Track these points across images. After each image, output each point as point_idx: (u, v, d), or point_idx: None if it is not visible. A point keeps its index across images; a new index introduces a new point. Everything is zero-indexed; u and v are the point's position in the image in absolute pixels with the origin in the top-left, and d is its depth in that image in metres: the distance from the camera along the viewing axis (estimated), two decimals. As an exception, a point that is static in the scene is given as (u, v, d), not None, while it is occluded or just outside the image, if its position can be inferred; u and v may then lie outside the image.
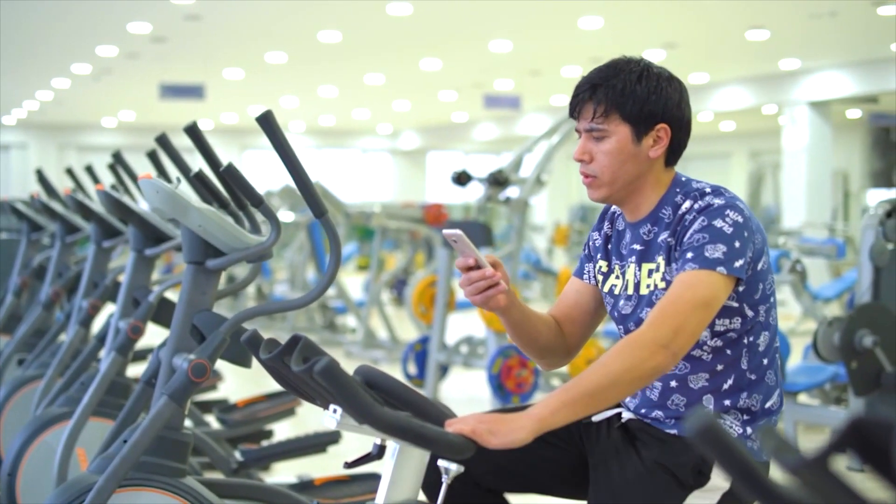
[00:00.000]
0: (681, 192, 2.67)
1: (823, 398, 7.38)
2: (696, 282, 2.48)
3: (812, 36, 14.89)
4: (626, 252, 2.75)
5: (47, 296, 5.97)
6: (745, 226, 2.55)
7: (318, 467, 5.89)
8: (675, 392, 2.67)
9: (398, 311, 15.70)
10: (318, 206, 3.06)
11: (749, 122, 24.49)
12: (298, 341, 2.18)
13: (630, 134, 2.63)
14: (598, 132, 2.64)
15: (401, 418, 2.11)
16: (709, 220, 2.55)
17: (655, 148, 2.65)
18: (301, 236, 13.90)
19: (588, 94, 2.64)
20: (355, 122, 28.96)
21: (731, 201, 2.58)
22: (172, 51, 16.06)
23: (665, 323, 2.43)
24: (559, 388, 2.34)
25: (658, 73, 2.65)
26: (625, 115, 2.62)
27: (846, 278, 10.53)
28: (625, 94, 2.61)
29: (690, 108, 2.71)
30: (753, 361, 2.64)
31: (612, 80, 2.62)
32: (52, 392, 4.88)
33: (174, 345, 3.48)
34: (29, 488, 4.57)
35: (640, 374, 2.38)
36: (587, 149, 2.68)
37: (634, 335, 2.44)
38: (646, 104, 2.61)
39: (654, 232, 2.68)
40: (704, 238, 2.53)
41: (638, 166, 2.65)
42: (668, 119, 2.64)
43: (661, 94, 2.63)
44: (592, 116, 2.64)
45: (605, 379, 2.35)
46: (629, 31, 14.63)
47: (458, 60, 17.09)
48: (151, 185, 3.39)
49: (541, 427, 2.25)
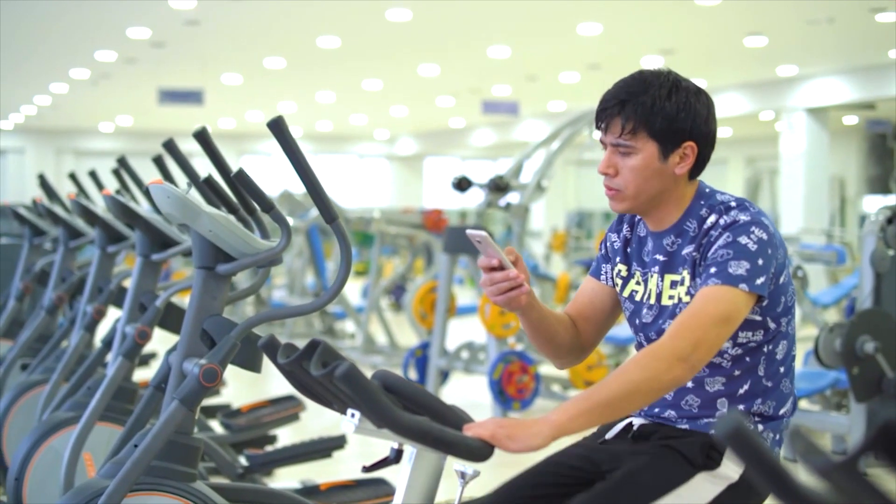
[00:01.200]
0: (706, 205, 2.67)
1: (824, 404, 7.40)
2: (719, 297, 2.48)
3: (810, 42, 14.93)
4: (648, 260, 2.76)
5: (50, 301, 5.97)
6: (770, 243, 2.55)
7: (322, 472, 5.90)
8: (690, 392, 2.68)
9: (397, 316, 15.70)
10: (328, 211, 3.07)
11: (746, 128, 24.52)
12: (317, 346, 2.19)
13: (657, 151, 2.61)
14: (624, 148, 2.62)
15: (420, 422, 2.12)
16: (734, 237, 2.55)
17: (681, 165, 2.64)
18: (300, 242, 13.90)
19: (617, 110, 2.61)
20: (353, 127, 28.99)
21: (757, 217, 2.58)
22: (171, 56, 16.08)
23: (685, 336, 2.43)
24: (577, 396, 2.35)
25: (686, 88, 2.64)
26: (653, 132, 2.60)
27: (844, 284, 10.54)
28: (654, 112, 2.59)
29: (716, 121, 2.69)
30: (770, 369, 2.66)
31: (642, 96, 2.60)
32: (57, 397, 4.89)
33: (184, 349, 3.49)
34: (36, 493, 4.57)
35: (658, 385, 2.39)
36: (612, 162, 2.66)
37: (654, 347, 2.45)
38: (675, 122, 2.60)
39: (679, 244, 2.68)
40: (729, 254, 2.53)
41: (663, 182, 2.64)
42: (695, 136, 2.63)
43: (690, 111, 2.61)
44: (620, 132, 2.61)
45: (624, 388, 2.35)
46: (627, 38, 14.66)
47: (457, 66, 17.12)
48: (162, 190, 3.39)
49: (558, 433, 2.26)
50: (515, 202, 9.71)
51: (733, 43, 14.85)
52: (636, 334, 2.80)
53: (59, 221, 6.03)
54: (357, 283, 20.30)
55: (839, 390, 7.27)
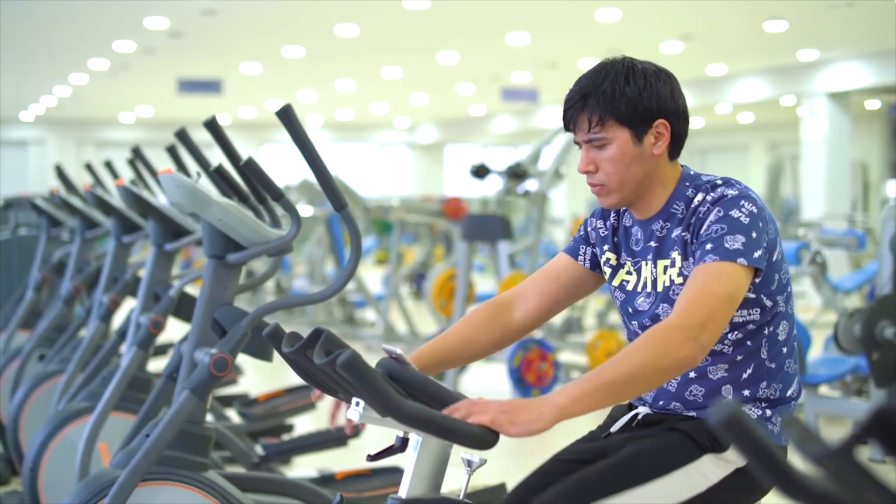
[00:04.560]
0: (691, 186, 2.64)
1: (844, 390, 7.37)
2: (720, 272, 2.45)
3: (830, 26, 14.84)
4: (638, 249, 2.72)
5: (68, 291, 5.99)
6: (760, 216, 2.53)
7: (338, 461, 5.90)
8: (693, 383, 2.65)
9: (417, 304, 15.71)
10: (338, 199, 3.06)
11: (767, 113, 24.41)
12: (321, 335, 2.18)
13: (630, 136, 2.59)
14: (597, 141, 2.61)
15: (423, 410, 2.11)
16: (725, 211, 2.52)
17: (658, 145, 2.61)
18: (320, 230, 13.91)
19: (580, 106, 2.60)
20: (373, 115, 28.98)
21: (745, 191, 2.57)
22: (189, 46, 16.09)
23: (694, 314, 2.39)
24: (582, 377, 2.31)
25: (644, 70, 2.61)
26: (621, 118, 2.58)
27: (866, 270, 10.49)
28: (616, 98, 2.57)
29: (684, 97, 2.67)
30: (773, 350, 2.63)
31: (601, 86, 2.58)
32: (73, 387, 4.90)
33: (195, 339, 3.49)
34: (51, 483, 4.59)
35: (667, 365, 2.35)
36: (590, 159, 2.64)
37: (661, 326, 2.40)
38: (639, 103, 2.58)
39: (668, 228, 2.65)
40: (723, 229, 2.50)
41: (644, 166, 2.62)
42: (664, 113, 2.60)
43: (652, 90, 2.59)
44: (589, 127, 2.60)
45: (631, 369, 2.31)
46: (646, 23, 14.60)
47: (476, 54, 17.08)
48: (172, 179, 3.39)
49: (561, 416, 2.23)
50: (534, 189, 9.69)
51: (753, 27, 14.76)
52: (628, 322, 2.75)
53: (76, 212, 6.05)
54: (377, 271, 20.31)
55: (859, 376, 7.24)
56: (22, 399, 5.48)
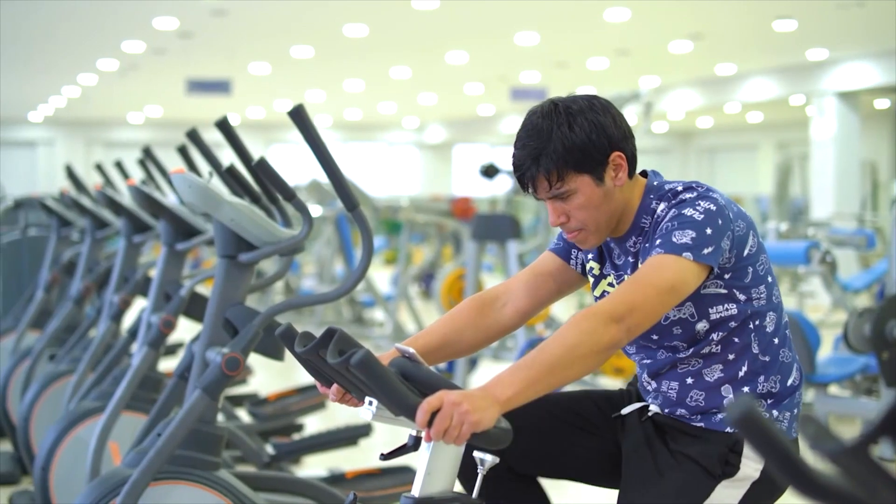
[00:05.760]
0: (655, 198, 2.65)
1: (854, 389, 7.36)
2: (662, 264, 2.46)
3: (840, 25, 14.81)
4: (620, 263, 2.74)
5: (78, 291, 6.00)
6: (719, 213, 2.52)
7: (348, 461, 5.91)
8: (692, 388, 2.66)
9: (426, 304, 15.70)
10: (349, 199, 3.07)
11: (776, 113, 24.37)
12: (334, 334, 2.18)
13: (591, 180, 2.58)
14: (562, 195, 2.60)
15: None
16: (679, 211, 2.54)
17: (619, 176, 2.61)
18: (329, 230, 13.91)
19: (535, 168, 2.57)
20: (381, 115, 28.97)
21: (705, 193, 2.57)
22: (199, 46, 16.10)
23: (622, 300, 2.41)
24: (517, 364, 2.31)
25: (581, 109, 2.58)
26: (578, 167, 2.56)
27: (876, 269, 10.47)
28: (568, 149, 2.54)
29: (623, 116, 2.64)
30: (763, 343, 2.63)
31: (549, 144, 2.55)
32: (83, 387, 4.91)
33: (207, 338, 3.50)
34: (62, 482, 4.60)
35: (596, 346, 2.35)
36: (561, 211, 2.63)
37: (590, 308, 2.42)
38: (590, 146, 2.55)
39: (640, 241, 2.67)
40: (673, 225, 2.52)
41: (612, 202, 2.62)
42: (615, 145, 2.59)
43: (598, 128, 2.56)
44: (550, 185, 2.58)
45: (562, 351, 2.32)
46: (655, 23, 14.59)
47: (485, 53, 17.07)
48: (184, 179, 3.40)
49: (505, 409, 2.24)
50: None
51: (762, 27, 14.74)
52: None
53: (86, 212, 6.06)
54: (386, 271, 20.31)
55: (869, 375, 7.23)
56: (32, 399, 5.49)
